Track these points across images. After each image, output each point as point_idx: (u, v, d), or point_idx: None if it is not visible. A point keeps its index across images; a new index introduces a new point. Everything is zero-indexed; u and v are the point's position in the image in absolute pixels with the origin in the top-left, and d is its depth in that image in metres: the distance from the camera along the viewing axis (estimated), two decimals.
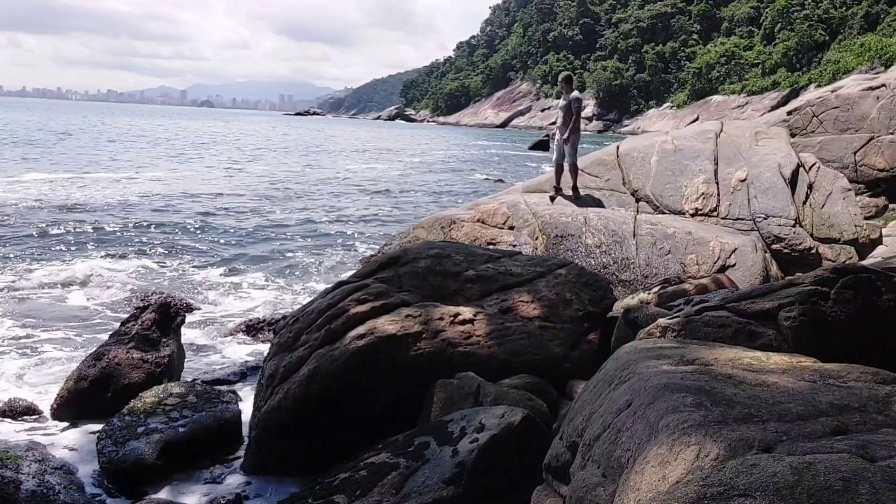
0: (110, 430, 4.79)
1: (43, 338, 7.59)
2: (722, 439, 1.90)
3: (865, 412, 2.08)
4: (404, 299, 5.10)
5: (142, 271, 10.80)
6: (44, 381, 6.47)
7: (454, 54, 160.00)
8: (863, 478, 1.62)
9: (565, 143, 9.42)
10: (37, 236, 12.86)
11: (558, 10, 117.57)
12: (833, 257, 8.71)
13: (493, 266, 5.63)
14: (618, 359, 2.89)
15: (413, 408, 4.53)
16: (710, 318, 3.71)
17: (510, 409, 3.81)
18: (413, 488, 3.49)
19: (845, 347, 3.19)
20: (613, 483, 2.15)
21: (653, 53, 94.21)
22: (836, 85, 17.53)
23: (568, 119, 9.50)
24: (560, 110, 9.76)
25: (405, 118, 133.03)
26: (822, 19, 76.58)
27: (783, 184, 9.07)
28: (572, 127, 9.45)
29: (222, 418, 5.08)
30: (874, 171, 12.68)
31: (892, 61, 52.42)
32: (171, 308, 6.62)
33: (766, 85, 76.42)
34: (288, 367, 4.83)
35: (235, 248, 12.98)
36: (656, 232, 8.15)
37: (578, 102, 9.63)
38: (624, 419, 2.30)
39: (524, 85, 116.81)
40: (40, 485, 4.00)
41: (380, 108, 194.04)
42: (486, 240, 8.24)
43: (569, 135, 9.36)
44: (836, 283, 3.62)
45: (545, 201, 9.14)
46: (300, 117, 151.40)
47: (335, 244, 14.08)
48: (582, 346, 5.04)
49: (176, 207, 17.44)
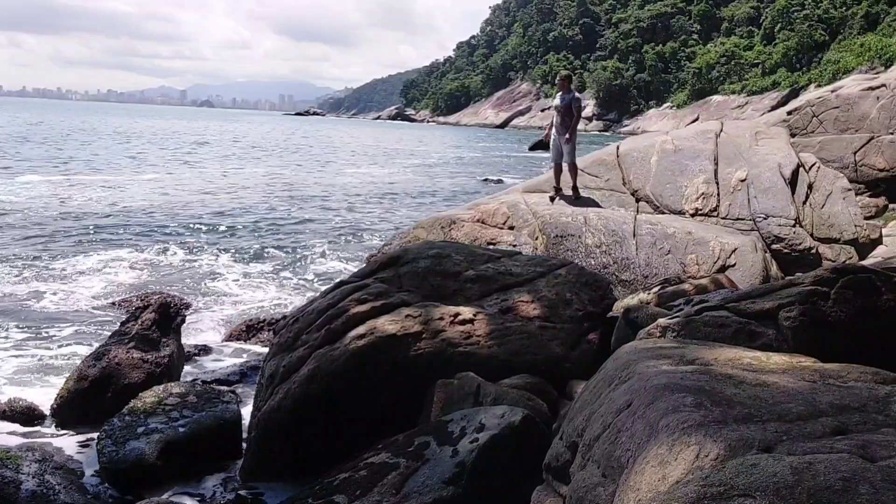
0: (110, 430, 4.79)
1: (43, 338, 7.59)
2: (722, 439, 1.90)
3: (865, 412, 2.08)
4: (404, 299, 5.10)
5: (142, 271, 10.81)
6: (44, 381, 6.48)
7: (454, 54, 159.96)
8: (863, 478, 1.62)
9: (566, 144, 9.35)
10: (37, 236, 12.87)
11: (558, 10, 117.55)
12: (833, 257, 8.71)
13: (493, 266, 5.62)
14: (618, 359, 2.89)
15: (413, 408, 4.53)
16: (710, 318, 3.71)
17: (510, 409, 3.81)
18: (413, 488, 3.49)
19: (845, 347, 3.19)
20: (613, 483, 2.15)
21: (653, 53, 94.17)
22: (836, 85, 17.52)
23: (568, 119, 9.41)
24: (556, 110, 9.57)
25: (405, 118, 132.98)
26: (822, 19, 76.55)
27: (783, 184, 9.07)
28: (574, 126, 9.42)
29: (222, 418, 5.08)
30: (874, 171, 12.66)
31: (892, 61, 52.40)
32: (170, 308, 6.62)
33: (766, 85, 76.40)
34: (288, 367, 4.83)
35: (235, 249, 12.98)
36: (656, 232, 8.14)
37: (579, 102, 9.58)
38: (624, 419, 2.30)
39: (524, 85, 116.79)
40: (40, 485, 4.00)
41: (380, 108, 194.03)
42: (486, 240, 8.24)
43: (570, 134, 9.32)
44: (836, 283, 3.62)
45: (545, 201, 9.13)
46: (300, 117, 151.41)
47: (335, 244, 14.09)
48: (582, 346, 5.04)
49: (176, 208, 17.46)
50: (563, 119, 9.46)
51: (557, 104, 9.57)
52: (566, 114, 9.43)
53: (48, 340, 7.53)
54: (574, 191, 9.40)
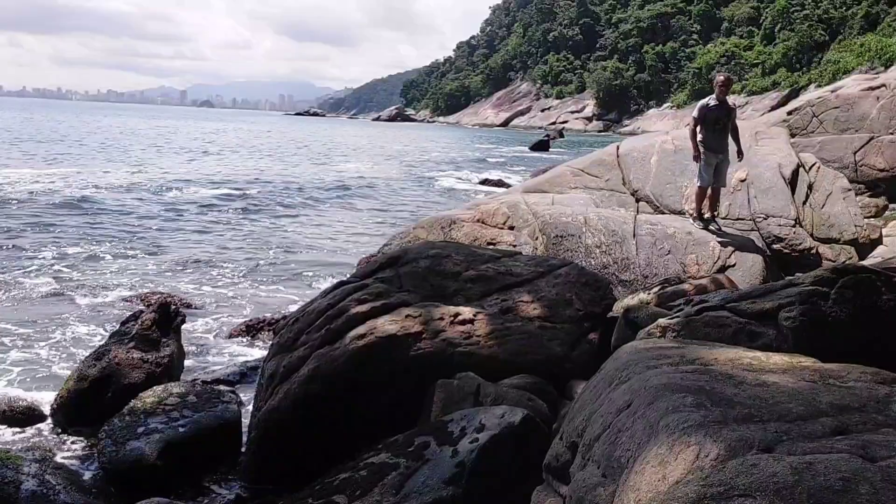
0: (110, 430, 4.78)
1: (43, 338, 7.59)
2: (722, 439, 1.91)
3: (865, 412, 2.08)
4: (404, 299, 5.10)
5: (141, 271, 10.81)
6: (44, 381, 6.47)
7: (454, 54, 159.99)
8: (863, 478, 1.62)
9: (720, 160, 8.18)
10: (37, 234, 12.86)
11: (558, 10, 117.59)
12: (833, 257, 8.71)
13: (494, 266, 5.62)
14: (618, 359, 2.89)
15: (413, 408, 4.53)
16: (710, 318, 3.72)
17: (510, 409, 3.81)
18: (413, 488, 3.49)
19: (845, 347, 3.19)
20: (613, 483, 2.15)
21: (653, 53, 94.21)
22: (836, 85, 17.51)
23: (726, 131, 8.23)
24: (721, 117, 8.21)
25: (405, 118, 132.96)
26: (822, 19, 76.58)
27: (783, 184, 9.07)
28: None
29: (222, 418, 5.07)
30: (874, 171, 12.66)
31: (892, 61, 52.41)
32: (170, 308, 6.61)
33: (766, 85, 76.44)
34: (288, 367, 4.83)
35: (235, 248, 12.98)
36: (656, 232, 8.15)
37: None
38: (624, 419, 2.30)
39: (524, 85, 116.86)
40: (40, 485, 4.00)
41: (380, 108, 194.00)
42: (486, 240, 8.24)
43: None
44: (836, 283, 3.62)
45: (545, 201, 9.12)
46: (300, 117, 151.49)
47: (335, 244, 14.09)
48: (582, 346, 5.04)
49: (175, 208, 17.45)
50: (724, 130, 8.28)
51: (714, 106, 8.25)
52: (728, 122, 8.33)
53: (48, 340, 7.53)
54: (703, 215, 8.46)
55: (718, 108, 8.22)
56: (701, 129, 8.25)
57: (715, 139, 8.19)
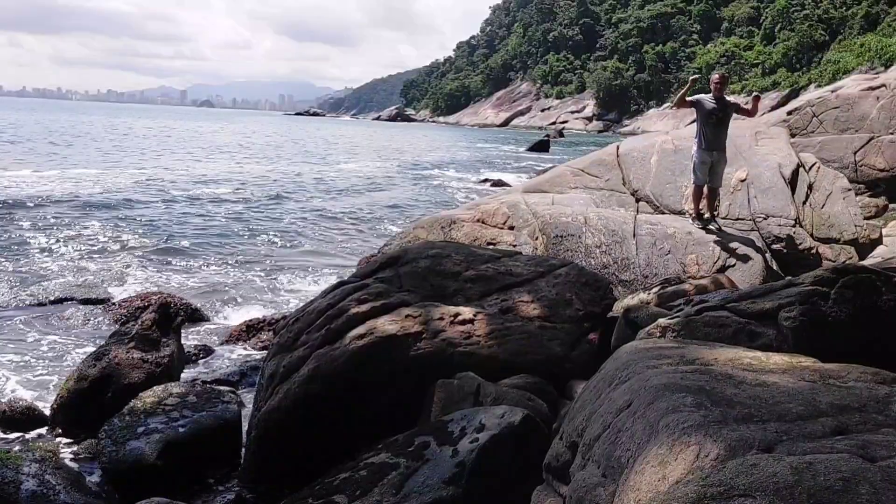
0: (110, 430, 4.78)
1: (43, 338, 7.59)
2: (722, 439, 1.91)
3: (865, 412, 2.08)
4: (404, 299, 5.10)
5: (141, 271, 10.80)
6: (44, 381, 6.48)
7: (454, 54, 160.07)
8: (863, 478, 1.62)
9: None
10: (37, 234, 12.86)
11: (558, 10, 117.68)
12: (833, 257, 8.70)
13: (494, 266, 5.62)
14: (618, 359, 2.89)
15: (413, 408, 4.53)
16: (710, 318, 3.72)
17: (510, 409, 3.81)
18: (413, 488, 3.49)
19: (845, 347, 3.19)
20: (613, 483, 2.15)
21: (653, 53, 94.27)
22: (836, 85, 17.53)
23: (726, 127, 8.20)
24: (716, 112, 8.10)
25: (405, 118, 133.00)
26: (822, 19, 76.64)
27: (783, 184, 9.06)
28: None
29: (222, 418, 5.07)
30: (874, 171, 12.66)
31: (892, 61, 52.43)
32: (170, 308, 6.62)
33: (766, 85, 76.43)
34: (288, 367, 4.83)
35: (234, 249, 12.98)
36: (656, 232, 8.14)
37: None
38: (624, 419, 2.30)
39: (524, 85, 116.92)
40: (40, 485, 3.99)
41: (380, 108, 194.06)
42: (486, 240, 8.24)
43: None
44: (836, 283, 3.62)
45: (545, 201, 9.11)
46: (300, 117, 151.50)
47: (335, 244, 14.09)
48: (582, 346, 5.04)
49: (174, 207, 17.45)
50: (723, 125, 8.21)
51: (712, 105, 8.14)
52: (728, 118, 8.28)
53: (48, 340, 7.53)
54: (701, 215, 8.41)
55: (715, 105, 8.21)
56: (697, 123, 8.33)
57: (710, 133, 8.19)
